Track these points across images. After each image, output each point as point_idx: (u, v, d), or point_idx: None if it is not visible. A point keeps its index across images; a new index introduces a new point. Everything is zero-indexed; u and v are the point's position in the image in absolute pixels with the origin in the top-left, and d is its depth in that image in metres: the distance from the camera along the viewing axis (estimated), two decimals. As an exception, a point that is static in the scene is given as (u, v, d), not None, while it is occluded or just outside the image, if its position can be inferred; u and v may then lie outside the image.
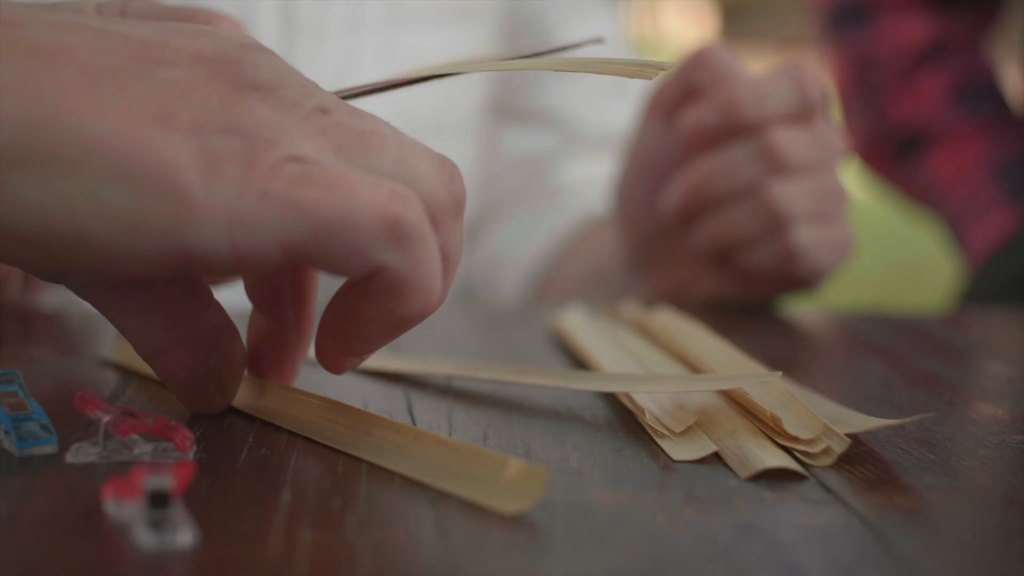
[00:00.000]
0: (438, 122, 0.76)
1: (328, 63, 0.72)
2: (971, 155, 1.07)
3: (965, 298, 1.07)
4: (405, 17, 0.75)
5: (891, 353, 0.54)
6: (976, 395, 0.48)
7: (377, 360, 0.46)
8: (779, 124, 0.56)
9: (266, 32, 0.70)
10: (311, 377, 0.42)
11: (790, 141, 0.56)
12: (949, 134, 1.10)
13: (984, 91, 1.11)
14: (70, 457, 0.34)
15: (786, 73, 0.57)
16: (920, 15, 1.11)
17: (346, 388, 0.43)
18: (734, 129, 0.56)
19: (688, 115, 0.57)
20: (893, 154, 1.15)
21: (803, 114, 0.57)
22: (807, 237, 0.57)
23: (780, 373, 0.38)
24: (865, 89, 1.14)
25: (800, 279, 0.59)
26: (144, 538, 0.29)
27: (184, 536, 0.29)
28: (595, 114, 0.83)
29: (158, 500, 0.29)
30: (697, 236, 0.59)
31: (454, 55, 0.76)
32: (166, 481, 0.29)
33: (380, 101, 0.67)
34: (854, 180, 0.72)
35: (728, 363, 0.43)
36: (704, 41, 0.60)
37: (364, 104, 0.38)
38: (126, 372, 0.44)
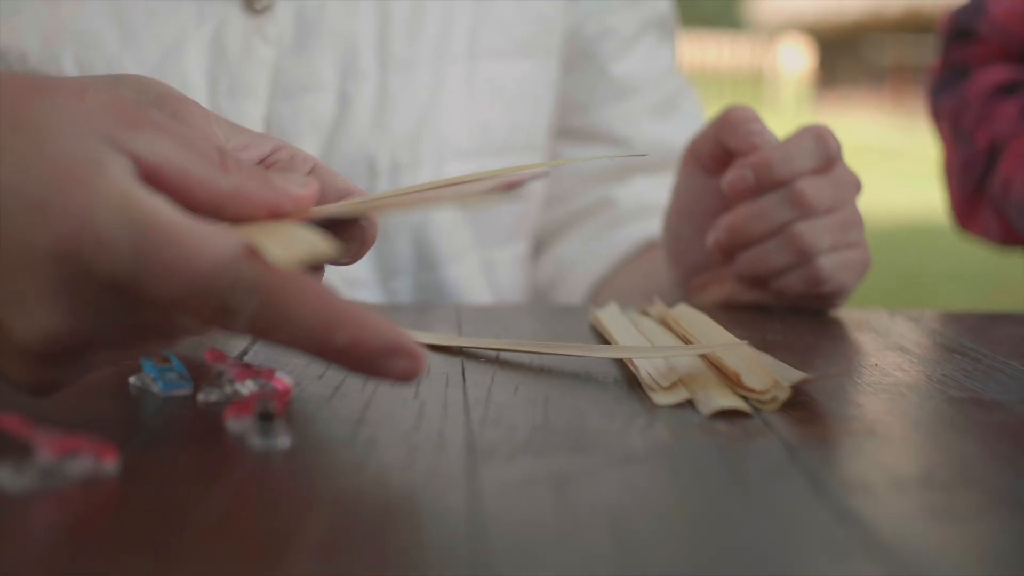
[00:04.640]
0: (510, 142, 0.87)
1: (418, 93, 0.83)
2: None
3: None
4: (481, 50, 0.86)
5: (882, 341, 0.64)
6: (936, 377, 0.57)
7: (438, 338, 0.57)
8: (804, 176, 0.67)
9: (367, 67, 0.81)
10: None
11: (814, 189, 0.67)
12: (1015, 137, 1.20)
13: None
14: (201, 397, 0.46)
15: (808, 133, 0.68)
16: (1001, 66, 1.23)
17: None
18: (768, 185, 0.67)
19: (730, 175, 0.68)
20: (977, 182, 1.23)
21: (824, 166, 0.68)
22: (830, 264, 0.68)
23: (746, 342, 0.49)
24: (959, 134, 1.24)
25: (826, 297, 0.70)
26: (255, 443, 0.40)
27: (283, 442, 0.40)
28: (646, 132, 0.93)
29: (265, 416, 0.41)
30: (737, 267, 0.70)
31: (526, 84, 0.87)
32: (271, 403, 0.41)
33: (461, 120, 0.77)
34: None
35: (711, 338, 0.53)
36: (734, 105, 0.71)
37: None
38: (244, 337, 0.56)
